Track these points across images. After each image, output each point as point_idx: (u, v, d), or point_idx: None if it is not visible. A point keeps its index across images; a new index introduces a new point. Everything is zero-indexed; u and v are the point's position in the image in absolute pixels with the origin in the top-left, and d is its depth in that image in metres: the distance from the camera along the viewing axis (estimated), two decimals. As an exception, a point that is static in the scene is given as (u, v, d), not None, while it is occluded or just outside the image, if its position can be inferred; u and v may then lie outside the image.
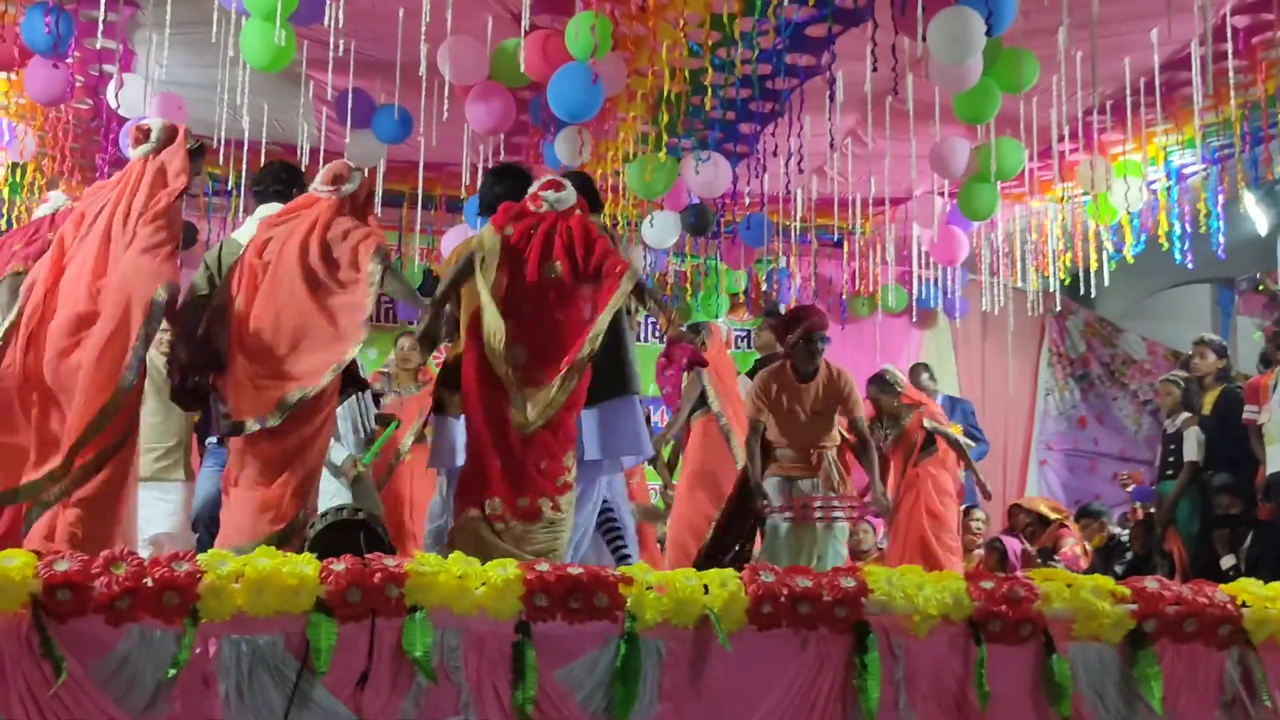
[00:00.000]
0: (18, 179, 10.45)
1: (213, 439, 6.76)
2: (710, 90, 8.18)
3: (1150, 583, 4.79)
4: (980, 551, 12.12)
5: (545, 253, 5.81)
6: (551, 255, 5.81)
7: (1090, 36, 7.67)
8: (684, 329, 6.39)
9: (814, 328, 8.01)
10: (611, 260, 5.77)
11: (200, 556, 3.85)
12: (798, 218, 11.91)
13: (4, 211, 10.92)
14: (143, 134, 5.78)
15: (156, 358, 6.55)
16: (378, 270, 5.72)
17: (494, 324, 5.68)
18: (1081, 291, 12.31)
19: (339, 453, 7.38)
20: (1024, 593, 4.52)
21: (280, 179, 6.39)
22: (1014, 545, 11.47)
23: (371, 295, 5.70)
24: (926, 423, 9.83)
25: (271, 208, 6.15)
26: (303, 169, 9.40)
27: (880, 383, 9.98)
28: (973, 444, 10.73)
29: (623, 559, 6.34)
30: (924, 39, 7.19)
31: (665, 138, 8.77)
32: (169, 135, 5.78)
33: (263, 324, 5.64)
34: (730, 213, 12.11)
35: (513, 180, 6.43)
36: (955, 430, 10.13)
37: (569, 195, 5.96)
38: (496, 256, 5.81)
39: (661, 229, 11.31)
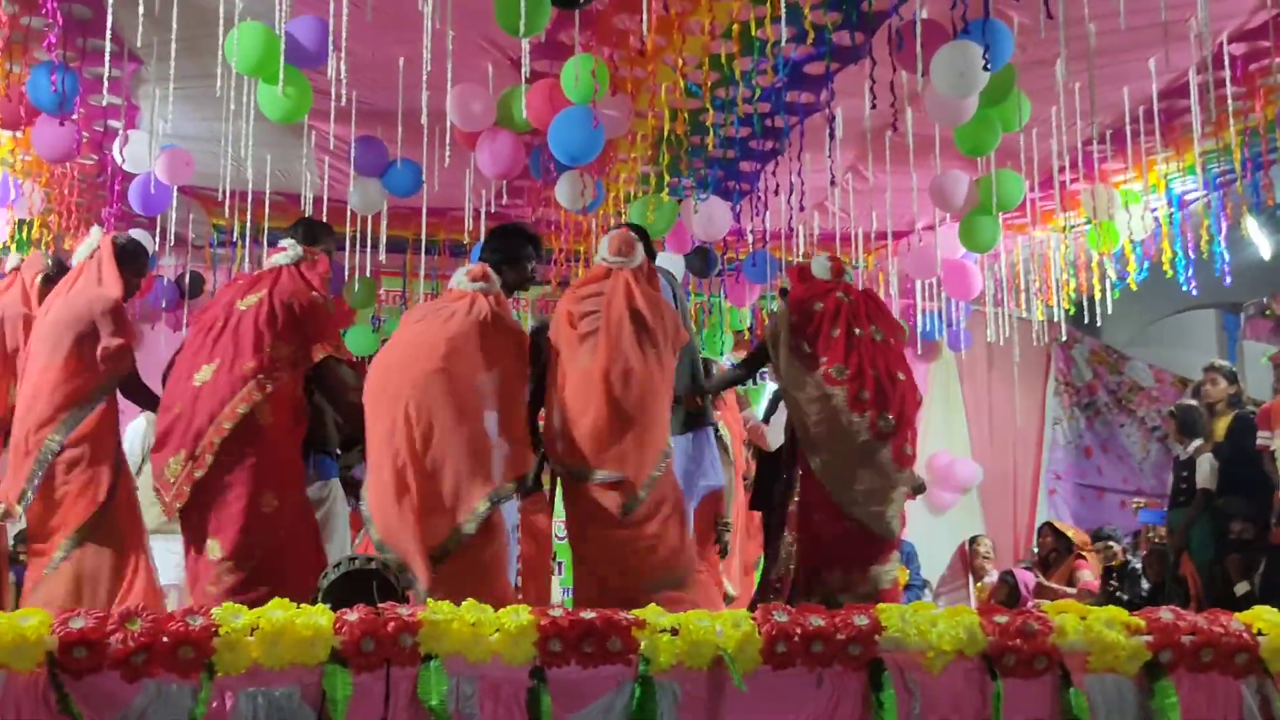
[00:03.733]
0: (24, 235, 10.47)
1: None
2: (711, 130, 8.21)
3: (1165, 613, 4.78)
4: (991, 580, 12.07)
5: None
6: None
7: (1088, 67, 7.69)
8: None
9: None
10: None
11: (214, 610, 3.86)
12: (800, 253, 11.91)
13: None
14: None
15: None
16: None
17: None
18: (1086, 320, 12.30)
19: None
20: (1038, 626, 4.52)
21: None
22: (1026, 578, 11.41)
23: None
24: None
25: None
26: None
27: None
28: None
29: None
30: (923, 74, 7.20)
31: (666, 178, 8.81)
32: None
33: None
34: (734, 250, 12.14)
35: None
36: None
37: None
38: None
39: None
